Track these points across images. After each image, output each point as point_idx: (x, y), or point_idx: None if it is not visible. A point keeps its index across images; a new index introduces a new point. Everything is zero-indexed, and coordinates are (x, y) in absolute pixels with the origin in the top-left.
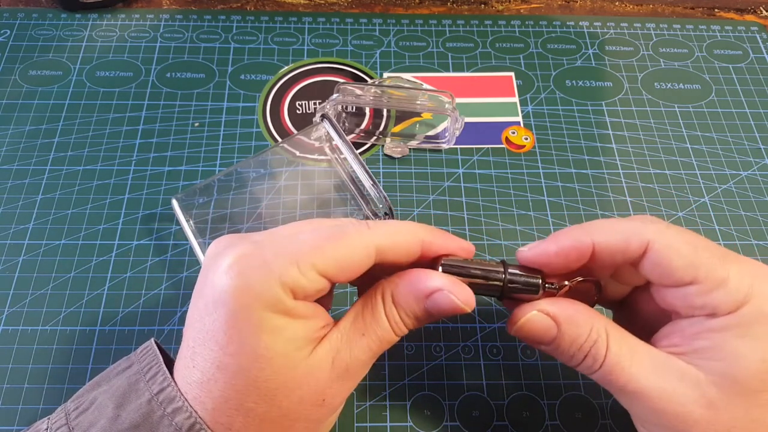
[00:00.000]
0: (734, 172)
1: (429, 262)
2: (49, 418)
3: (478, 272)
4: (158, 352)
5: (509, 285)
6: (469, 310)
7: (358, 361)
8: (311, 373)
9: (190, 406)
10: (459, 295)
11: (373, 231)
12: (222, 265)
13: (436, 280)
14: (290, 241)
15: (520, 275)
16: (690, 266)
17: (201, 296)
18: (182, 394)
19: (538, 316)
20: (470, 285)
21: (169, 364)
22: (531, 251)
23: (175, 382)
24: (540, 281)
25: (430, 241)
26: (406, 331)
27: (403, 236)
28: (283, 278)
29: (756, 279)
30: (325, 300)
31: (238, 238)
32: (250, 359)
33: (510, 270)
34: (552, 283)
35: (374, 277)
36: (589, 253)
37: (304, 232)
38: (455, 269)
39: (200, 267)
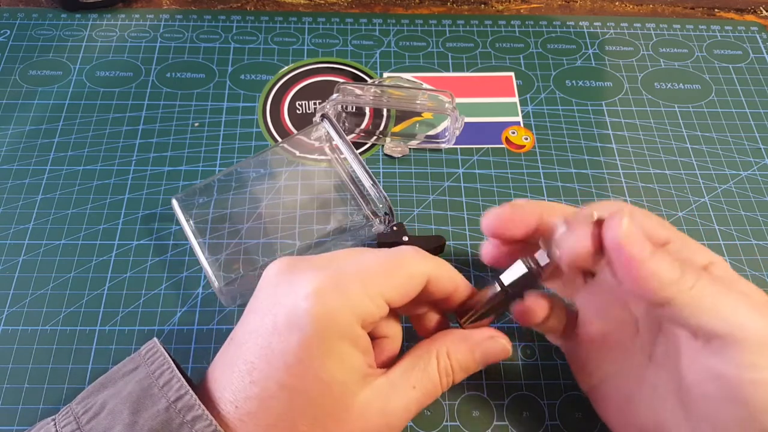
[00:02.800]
0: (734, 172)
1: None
2: (54, 420)
3: (493, 307)
4: (166, 354)
5: (514, 291)
6: (510, 353)
7: (406, 413)
8: (361, 411)
9: (209, 415)
10: (503, 339)
11: (427, 260)
12: (300, 291)
13: (483, 331)
14: (361, 269)
15: (515, 279)
16: None
17: (268, 314)
18: (201, 404)
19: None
20: (496, 317)
21: (176, 365)
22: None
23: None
24: (529, 265)
25: (460, 286)
26: (451, 385)
27: (447, 272)
28: (358, 306)
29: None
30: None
31: (307, 263)
32: (312, 382)
33: (504, 282)
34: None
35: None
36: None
37: (370, 261)
38: (475, 319)
39: (201, 267)
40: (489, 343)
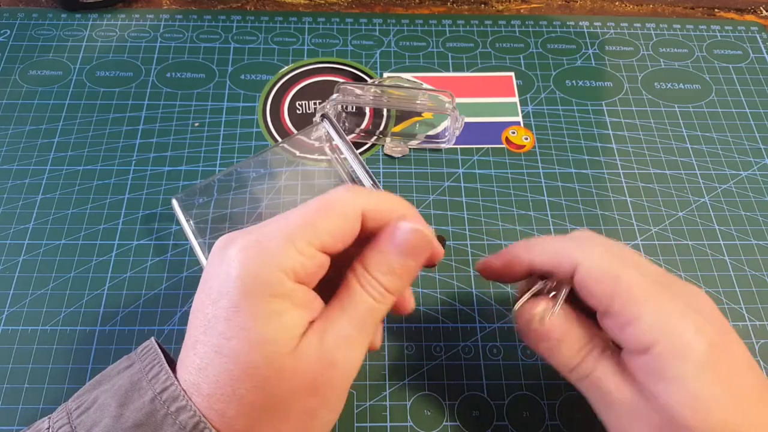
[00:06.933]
0: (734, 172)
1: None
2: (50, 418)
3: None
4: (159, 350)
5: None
6: (428, 238)
7: (343, 340)
8: (300, 360)
9: (194, 405)
10: (418, 224)
11: (358, 194)
12: (226, 258)
13: (394, 227)
14: (284, 224)
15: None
16: (606, 296)
17: (205, 289)
18: (185, 391)
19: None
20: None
21: (171, 363)
22: (482, 263)
23: (176, 377)
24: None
25: (406, 214)
26: (385, 294)
27: (386, 201)
28: (282, 260)
29: (671, 316)
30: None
31: (240, 232)
32: (243, 344)
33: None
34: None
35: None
36: (525, 269)
37: (294, 214)
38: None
39: (201, 267)
40: (400, 236)
